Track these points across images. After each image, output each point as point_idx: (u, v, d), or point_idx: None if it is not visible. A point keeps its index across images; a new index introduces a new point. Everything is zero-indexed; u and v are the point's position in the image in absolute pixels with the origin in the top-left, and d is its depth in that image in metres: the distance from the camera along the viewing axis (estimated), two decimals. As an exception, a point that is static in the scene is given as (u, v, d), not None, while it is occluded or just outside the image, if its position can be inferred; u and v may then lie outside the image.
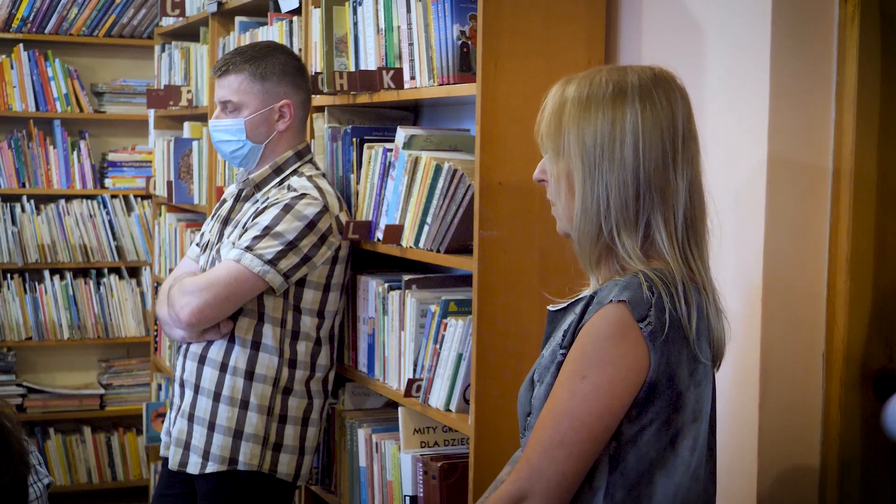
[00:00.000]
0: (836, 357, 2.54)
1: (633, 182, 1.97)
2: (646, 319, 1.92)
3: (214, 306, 3.11)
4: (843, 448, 2.54)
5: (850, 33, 2.49)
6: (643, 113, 1.97)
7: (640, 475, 1.97)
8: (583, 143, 1.99)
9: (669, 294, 1.94)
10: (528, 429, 2.08)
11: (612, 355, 1.93)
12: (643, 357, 1.92)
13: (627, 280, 1.95)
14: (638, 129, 1.97)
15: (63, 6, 5.87)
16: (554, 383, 1.99)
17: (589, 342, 1.95)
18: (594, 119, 1.98)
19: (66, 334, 5.94)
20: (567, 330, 2.02)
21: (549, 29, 2.82)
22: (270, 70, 3.27)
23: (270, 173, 3.29)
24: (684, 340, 1.95)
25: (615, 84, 1.99)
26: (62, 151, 5.94)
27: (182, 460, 3.24)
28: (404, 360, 3.11)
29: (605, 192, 1.97)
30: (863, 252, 2.52)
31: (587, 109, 1.99)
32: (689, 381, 1.97)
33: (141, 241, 6.06)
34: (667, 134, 1.98)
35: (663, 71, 2.04)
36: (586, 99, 2.00)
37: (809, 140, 2.54)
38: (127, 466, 6.07)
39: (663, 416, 1.96)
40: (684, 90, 2.03)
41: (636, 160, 1.96)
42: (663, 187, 1.98)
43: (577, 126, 2.00)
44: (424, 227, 2.97)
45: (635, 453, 1.97)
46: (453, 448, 3.08)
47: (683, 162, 1.99)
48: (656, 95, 1.99)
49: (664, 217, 1.98)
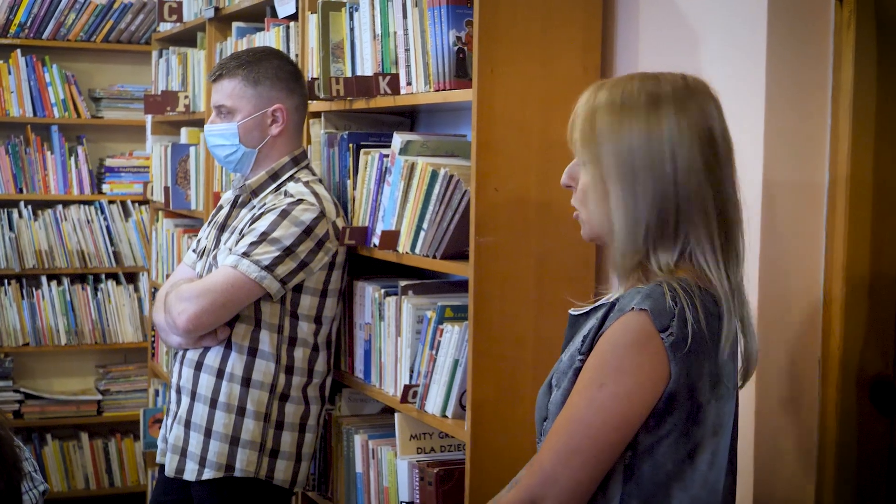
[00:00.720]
0: (832, 363, 2.53)
1: (673, 195, 1.93)
2: (668, 330, 1.88)
3: (211, 312, 3.11)
4: (839, 454, 2.54)
5: (845, 38, 2.49)
6: (679, 123, 1.93)
7: (657, 487, 1.94)
8: (619, 153, 1.94)
9: (693, 305, 1.90)
10: (544, 434, 2.05)
11: (631, 365, 1.90)
12: (663, 368, 1.89)
13: (651, 289, 1.92)
14: (675, 139, 1.93)
15: (60, 12, 5.87)
16: (571, 389, 1.97)
17: (608, 350, 1.92)
18: (629, 129, 1.94)
19: (64, 340, 5.94)
20: (587, 336, 1.99)
21: (545, 34, 2.81)
22: (264, 74, 3.27)
23: (267, 179, 3.29)
24: (707, 353, 1.91)
25: (649, 93, 1.96)
26: (59, 157, 5.94)
27: (179, 467, 3.24)
28: (400, 366, 3.10)
29: (644, 205, 1.93)
30: (859, 258, 2.52)
31: (622, 118, 1.95)
32: (711, 395, 1.93)
33: (138, 247, 6.06)
34: (704, 144, 1.94)
35: (696, 79, 2.00)
36: (620, 107, 1.96)
37: (805, 145, 2.54)
38: (124, 472, 6.06)
39: (681, 427, 1.93)
40: (717, 99, 2.00)
41: (674, 172, 1.92)
42: (703, 200, 1.94)
43: (612, 135, 1.95)
44: (421, 232, 2.96)
45: (651, 464, 1.94)
46: (449, 454, 3.08)
47: (720, 174, 1.96)
48: (691, 104, 1.95)
49: (707, 230, 1.95)
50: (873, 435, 2.56)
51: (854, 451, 2.55)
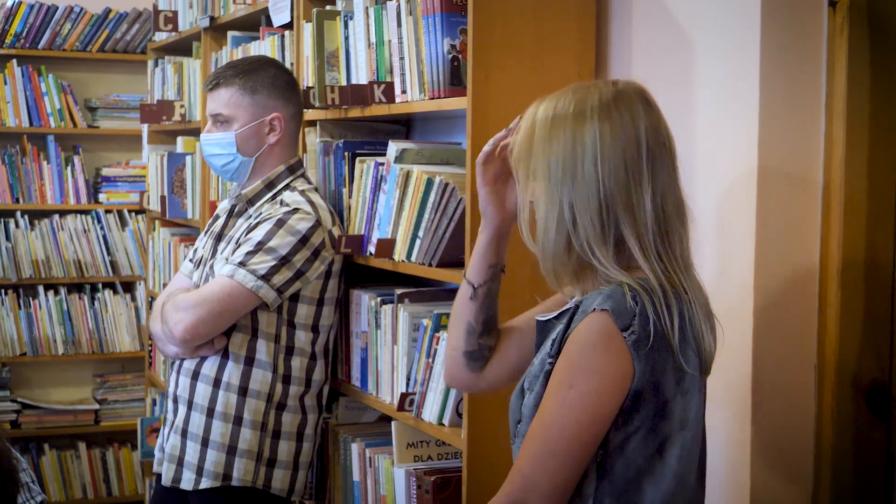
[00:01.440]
0: (827, 369, 2.53)
1: (596, 196, 1.98)
2: (629, 328, 1.94)
3: (208, 322, 3.11)
4: (835, 460, 2.54)
5: (839, 44, 2.50)
6: (602, 129, 1.99)
7: (628, 483, 2.00)
8: (547, 164, 2.02)
9: (653, 304, 1.95)
10: (517, 436, 2.10)
11: (597, 364, 1.95)
12: (627, 365, 1.94)
13: (611, 290, 1.97)
14: (597, 145, 1.99)
15: (56, 22, 5.87)
16: (543, 392, 2.02)
17: (575, 350, 1.98)
18: (557, 140, 2.01)
19: (61, 349, 5.93)
20: (555, 339, 2.04)
21: (539, 42, 2.82)
22: (260, 83, 3.27)
23: (262, 188, 3.29)
24: (669, 349, 1.97)
25: (577, 103, 2.02)
26: (56, 166, 5.94)
27: (175, 476, 3.24)
28: (397, 374, 3.10)
29: (569, 207, 2.00)
30: (854, 263, 2.52)
31: (551, 131, 2.03)
32: (676, 390, 1.99)
33: (135, 256, 6.06)
34: (629, 148, 1.99)
35: (628, 84, 2.06)
36: (551, 121, 2.04)
37: (799, 151, 2.54)
38: (122, 482, 6.05)
39: (649, 423, 1.98)
40: (650, 100, 2.05)
41: (596, 175, 1.98)
42: (628, 200, 1.99)
43: (542, 148, 2.03)
44: (416, 240, 2.97)
45: (623, 461, 1.99)
46: (446, 462, 3.08)
47: (650, 174, 2.00)
48: (616, 111, 2.01)
49: (635, 230, 1.99)
50: (869, 440, 2.56)
51: (850, 456, 2.55)
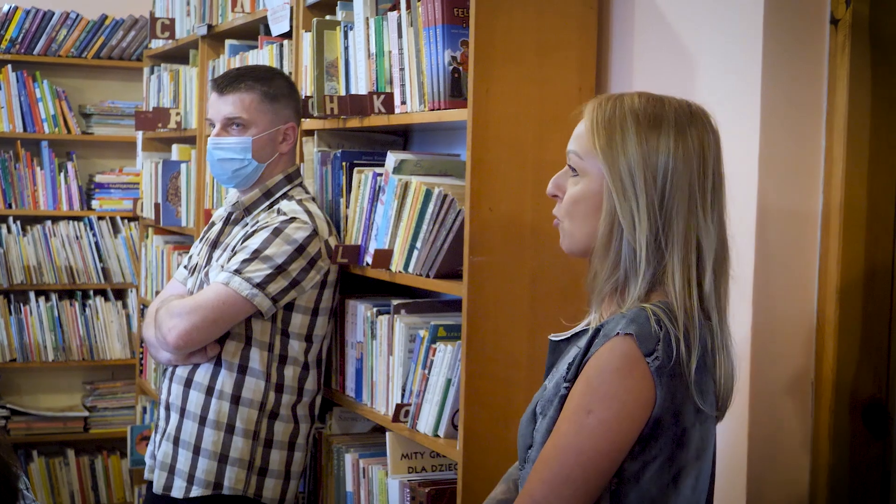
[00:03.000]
0: (825, 386, 2.53)
1: (656, 214, 1.92)
2: (653, 354, 1.87)
3: (202, 329, 3.10)
4: (831, 477, 2.54)
5: (840, 62, 2.50)
6: (675, 148, 1.93)
7: None
8: (616, 168, 1.94)
9: (675, 329, 1.89)
10: (528, 461, 2.03)
11: (617, 390, 1.88)
12: (649, 392, 1.88)
13: (635, 313, 1.91)
14: (669, 162, 1.92)
15: (52, 28, 5.86)
16: (557, 417, 1.95)
17: (595, 376, 1.90)
18: (628, 145, 1.94)
19: (51, 356, 5.91)
20: (571, 363, 1.97)
21: (540, 56, 2.82)
22: (279, 92, 3.28)
23: (260, 196, 3.29)
24: (689, 377, 1.90)
25: (652, 115, 1.95)
26: (49, 172, 5.93)
27: (166, 484, 3.23)
28: (392, 385, 3.10)
29: (630, 219, 1.93)
30: (852, 281, 2.52)
31: (624, 135, 1.94)
32: (695, 419, 1.92)
33: (127, 263, 6.04)
34: (696, 172, 1.94)
35: (699, 108, 2.00)
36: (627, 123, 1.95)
37: (799, 169, 2.54)
38: (111, 490, 6.03)
39: (666, 452, 1.91)
40: (717, 131, 2.00)
41: (663, 192, 1.92)
42: (686, 224, 1.93)
43: (609, 150, 1.95)
44: (414, 251, 2.96)
45: (637, 491, 1.92)
46: (441, 474, 3.07)
47: (713, 202, 1.95)
48: (689, 132, 1.95)
49: (683, 255, 1.93)
50: (866, 458, 2.56)
51: (847, 473, 2.55)
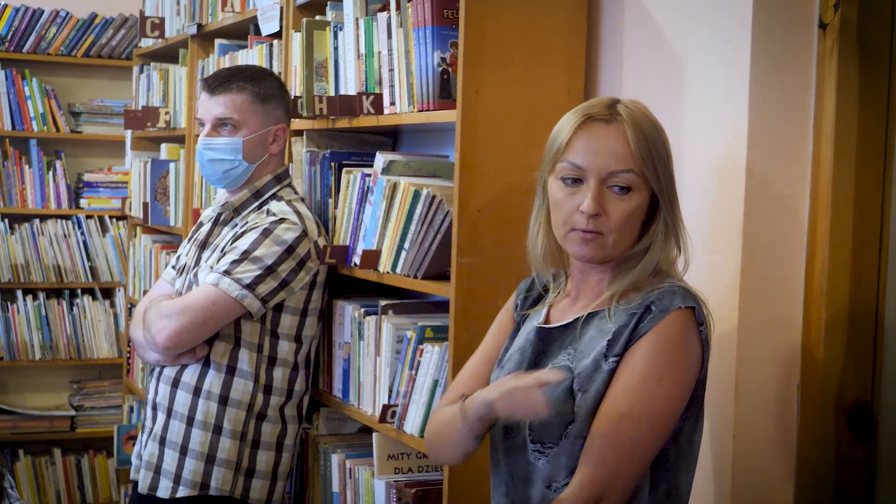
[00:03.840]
0: (811, 389, 2.54)
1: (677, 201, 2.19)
2: (703, 323, 2.08)
3: (191, 330, 3.10)
4: (816, 479, 2.55)
5: (828, 66, 2.51)
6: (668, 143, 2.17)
7: (675, 467, 2.10)
8: (664, 176, 2.12)
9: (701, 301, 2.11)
10: (567, 437, 2.09)
11: (683, 358, 2.06)
12: (700, 357, 2.09)
13: (678, 289, 2.09)
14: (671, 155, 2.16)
15: (41, 26, 5.85)
16: (603, 391, 2.06)
17: (661, 348, 2.05)
18: (665, 152, 2.13)
19: (38, 355, 5.90)
20: (612, 340, 2.08)
21: (529, 58, 2.82)
22: (270, 92, 3.27)
23: (249, 197, 3.29)
24: None
25: (651, 115, 2.16)
26: (38, 171, 5.92)
27: (152, 484, 3.22)
28: (379, 386, 3.10)
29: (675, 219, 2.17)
30: (839, 283, 2.53)
31: (659, 141, 2.13)
32: (704, 385, 2.13)
33: (115, 262, 6.03)
34: None
35: None
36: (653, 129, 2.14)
37: (787, 172, 2.55)
38: (97, 489, 6.01)
39: (695, 412, 2.12)
40: None
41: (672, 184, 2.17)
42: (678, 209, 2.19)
43: (662, 156, 2.13)
44: (402, 252, 2.96)
45: (675, 449, 2.09)
46: (427, 474, 3.07)
47: None
48: None
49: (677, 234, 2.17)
50: (851, 461, 2.57)
51: (832, 476, 2.56)
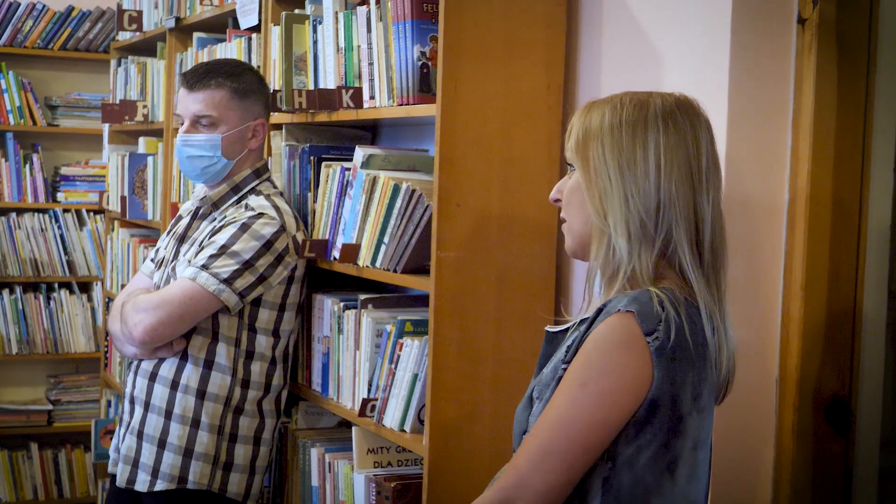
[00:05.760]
0: (789, 383, 2.55)
1: (655, 194, 1.95)
2: (654, 334, 1.88)
3: (168, 324, 3.09)
4: (795, 473, 2.56)
5: (807, 61, 2.52)
6: (665, 132, 1.96)
7: (635, 500, 1.92)
8: (604, 158, 1.97)
9: (678, 314, 1.90)
10: None
11: (614, 364, 1.89)
12: (646, 371, 1.88)
13: (638, 293, 1.92)
14: (660, 145, 1.96)
15: (18, 18, 5.82)
16: None
17: (592, 349, 1.91)
18: (618, 136, 1.97)
19: (15, 349, 5.87)
20: (570, 345, 1.98)
21: (509, 52, 2.82)
22: (249, 88, 3.26)
23: (228, 191, 3.28)
24: (691, 363, 1.91)
25: (638, 103, 1.99)
26: (14, 164, 5.89)
27: (130, 477, 3.21)
28: (359, 380, 3.10)
29: (625, 200, 1.95)
30: (817, 279, 2.54)
31: (612, 128, 1.98)
32: (692, 406, 1.92)
33: (92, 256, 6.01)
34: (692, 155, 1.97)
35: (686, 97, 2.04)
36: (608, 120, 1.99)
37: (765, 167, 2.56)
38: (74, 483, 6.00)
39: (661, 438, 1.91)
40: (708, 119, 2.03)
41: (658, 174, 1.95)
42: (687, 206, 1.96)
43: (600, 143, 1.98)
44: (381, 246, 2.96)
45: (631, 477, 1.92)
46: (407, 468, 3.07)
47: (710, 187, 1.98)
48: (679, 118, 1.99)
49: (688, 236, 1.97)
50: (829, 455, 2.58)
51: (810, 470, 2.57)
